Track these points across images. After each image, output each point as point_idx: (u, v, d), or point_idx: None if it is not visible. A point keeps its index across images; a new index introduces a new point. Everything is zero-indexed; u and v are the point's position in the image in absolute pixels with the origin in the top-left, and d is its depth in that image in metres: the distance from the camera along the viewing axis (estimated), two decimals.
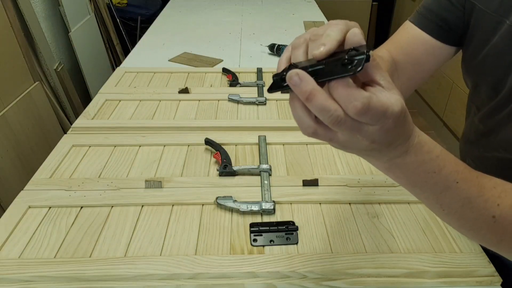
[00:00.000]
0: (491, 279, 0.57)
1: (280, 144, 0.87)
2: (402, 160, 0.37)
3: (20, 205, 0.68)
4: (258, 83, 1.13)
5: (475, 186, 0.39)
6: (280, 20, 1.85)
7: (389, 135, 0.33)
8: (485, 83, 0.61)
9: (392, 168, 0.38)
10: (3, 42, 1.47)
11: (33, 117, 1.58)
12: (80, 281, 0.56)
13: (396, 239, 0.62)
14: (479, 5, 0.57)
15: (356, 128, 0.32)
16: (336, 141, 0.34)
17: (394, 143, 0.35)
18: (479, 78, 0.62)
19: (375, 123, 0.32)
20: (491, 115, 0.61)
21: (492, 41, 0.56)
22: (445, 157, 0.38)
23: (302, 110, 0.33)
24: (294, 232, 0.63)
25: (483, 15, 0.57)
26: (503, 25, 0.53)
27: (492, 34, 0.55)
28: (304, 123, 0.33)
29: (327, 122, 0.31)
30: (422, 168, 0.38)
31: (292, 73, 0.31)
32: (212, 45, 1.51)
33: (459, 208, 0.40)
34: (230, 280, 0.56)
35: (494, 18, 0.55)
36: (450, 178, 0.38)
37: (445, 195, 0.39)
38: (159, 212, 0.68)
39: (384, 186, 0.73)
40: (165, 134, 0.90)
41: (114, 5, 2.66)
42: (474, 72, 0.62)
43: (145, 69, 1.24)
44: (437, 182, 0.38)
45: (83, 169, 0.78)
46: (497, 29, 0.54)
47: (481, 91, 0.63)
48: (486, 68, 0.58)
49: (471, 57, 0.61)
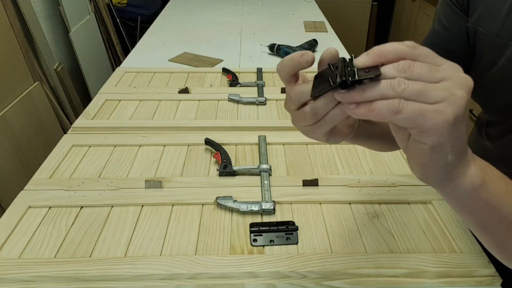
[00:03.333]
0: (491, 279, 0.57)
1: (280, 144, 0.87)
2: (482, 162, 0.35)
3: (20, 205, 0.68)
4: (258, 83, 1.13)
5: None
6: (280, 20, 1.85)
7: (467, 108, 0.31)
8: (493, 105, 0.61)
9: (487, 178, 0.35)
10: (3, 42, 1.47)
11: (33, 117, 1.58)
12: (80, 281, 0.56)
13: (396, 239, 0.62)
14: (481, 30, 0.56)
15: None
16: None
17: (465, 139, 0.33)
18: (486, 100, 0.62)
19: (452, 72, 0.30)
20: (501, 135, 0.61)
21: (498, 64, 0.55)
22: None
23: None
24: (294, 232, 0.63)
25: (485, 39, 0.56)
26: (508, 49, 0.53)
27: (497, 58, 0.54)
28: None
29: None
30: (500, 173, 0.36)
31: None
32: (212, 45, 1.51)
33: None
34: (230, 280, 0.56)
35: (497, 42, 0.54)
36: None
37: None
38: (159, 212, 0.68)
39: (384, 186, 0.73)
40: (165, 134, 0.90)
41: (114, 5, 2.66)
42: (481, 95, 0.61)
43: (145, 69, 1.24)
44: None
45: (83, 169, 0.78)
46: (503, 53, 0.54)
47: (490, 112, 0.63)
48: (494, 91, 0.58)
49: (476, 81, 0.61)
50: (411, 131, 0.32)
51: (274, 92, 1.07)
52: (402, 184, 0.73)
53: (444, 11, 0.61)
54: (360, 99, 0.30)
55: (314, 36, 1.54)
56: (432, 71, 0.30)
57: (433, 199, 0.70)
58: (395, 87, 0.29)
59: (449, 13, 0.60)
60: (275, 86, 1.13)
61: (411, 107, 0.29)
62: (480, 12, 0.56)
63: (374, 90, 0.30)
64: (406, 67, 0.30)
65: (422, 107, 0.29)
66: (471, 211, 0.37)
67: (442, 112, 0.29)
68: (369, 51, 0.32)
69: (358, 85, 0.30)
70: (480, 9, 0.56)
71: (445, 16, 0.61)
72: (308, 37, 1.50)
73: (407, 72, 0.30)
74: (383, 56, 0.31)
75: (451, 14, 0.60)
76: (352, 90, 0.30)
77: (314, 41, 1.44)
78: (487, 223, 0.38)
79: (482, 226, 0.39)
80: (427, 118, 0.29)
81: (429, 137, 0.31)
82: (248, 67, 1.29)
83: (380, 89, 0.30)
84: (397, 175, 0.76)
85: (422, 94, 0.29)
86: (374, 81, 0.30)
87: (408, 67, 0.30)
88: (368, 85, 0.30)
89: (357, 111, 0.31)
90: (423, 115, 0.29)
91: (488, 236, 0.40)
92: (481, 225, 0.39)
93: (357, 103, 0.31)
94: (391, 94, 0.30)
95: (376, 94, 0.30)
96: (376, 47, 0.32)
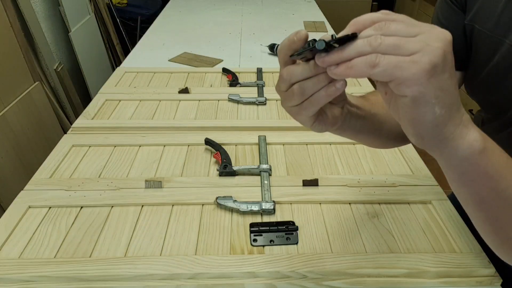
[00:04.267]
0: (491, 279, 0.57)
1: (280, 144, 0.87)
2: (481, 138, 0.34)
3: (20, 205, 0.68)
4: (258, 83, 1.13)
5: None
6: (280, 20, 1.85)
7: (447, 59, 0.31)
8: (489, 102, 0.61)
9: (488, 144, 0.35)
10: (3, 42, 1.47)
11: (33, 117, 1.58)
12: (80, 281, 0.56)
13: (396, 239, 0.62)
14: (477, 26, 0.57)
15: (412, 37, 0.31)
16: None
17: (455, 94, 0.33)
18: (483, 97, 0.62)
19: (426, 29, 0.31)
20: (495, 132, 0.61)
21: (492, 61, 0.55)
22: None
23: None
24: (294, 232, 0.63)
25: (481, 35, 0.56)
26: (503, 45, 0.53)
27: (492, 54, 0.55)
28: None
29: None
30: (497, 149, 0.36)
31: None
32: (212, 45, 1.51)
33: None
34: (230, 280, 0.56)
35: (492, 39, 0.54)
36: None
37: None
38: (159, 212, 0.68)
39: (384, 186, 0.73)
40: (165, 134, 0.90)
41: (114, 5, 2.66)
42: (478, 92, 0.61)
43: (145, 69, 1.24)
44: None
45: (83, 169, 0.78)
46: (497, 50, 0.54)
47: (486, 109, 0.63)
48: (489, 87, 0.58)
49: (472, 77, 0.61)
50: (391, 86, 0.32)
51: (274, 92, 1.07)
52: (402, 184, 0.73)
53: (442, 9, 0.62)
54: (339, 59, 0.32)
55: (314, 36, 1.54)
56: (408, 27, 0.31)
57: (433, 199, 0.70)
58: (371, 43, 0.31)
59: (446, 11, 0.61)
60: None
61: (388, 59, 0.30)
62: (476, 9, 0.56)
63: (352, 49, 0.32)
64: (382, 25, 0.32)
65: (398, 59, 0.30)
66: (469, 181, 0.37)
67: (417, 61, 0.30)
68: (348, 25, 0.34)
69: (337, 47, 0.32)
70: (476, 6, 0.56)
71: (443, 14, 0.61)
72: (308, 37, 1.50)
73: (383, 29, 0.31)
74: (360, 24, 0.33)
75: (448, 11, 0.60)
76: (331, 52, 0.32)
77: (314, 41, 1.44)
78: (484, 196, 0.37)
79: (478, 199, 0.38)
80: (403, 68, 0.30)
81: (408, 87, 0.31)
82: (248, 67, 1.29)
83: (357, 46, 0.31)
84: (397, 175, 0.76)
85: (398, 47, 0.30)
86: (351, 41, 0.32)
87: (384, 25, 0.32)
88: (346, 45, 0.32)
89: (337, 71, 0.32)
90: (399, 66, 0.30)
91: (483, 213, 0.40)
92: (477, 199, 0.38)
93: (337, 64, 0.32)
94: (368, 50, 0.31)
95: (354, 52, 0.31)
96: (353, 19, 0.34)
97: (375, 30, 0.32)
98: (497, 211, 0.38)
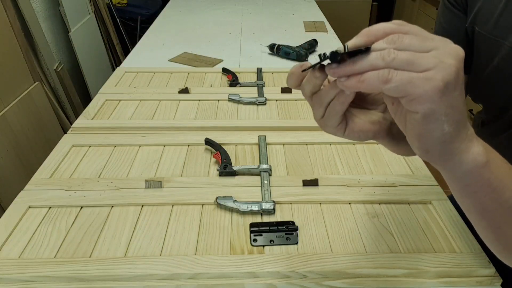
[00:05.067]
0: (491, 279, 0.57)
1: (280, 144, 0.87)
2: (484, 152, 0.35)
3: (20, 205, 0.68)
4: (258, 83, 1.13)
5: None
6: (280, 20, 1.85)
7: (459, 76, 0.31)
8: (490, 104, 0.61)
9: (490, 157, 0.35)
10: (3, 42, 1.47)
11: (33, 117, 1.58)
12: (80, 281, 0.56)
13: (396, 239, 0.62)
14: (477, 28, 0.56)
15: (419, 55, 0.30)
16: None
17: (463, 111, 0.33)
18: (484, 100, 0.62)
19: (439, 44, 0.31)
20: (495, 133, 0.61)
21: (493, 63, 0.55)
22: None
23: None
24: (294, 232, 0.63)
25: (482, 37, 0.56)
26: (503, 47, 0.52)
27: (492, 57, 0.54)
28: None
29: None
30: (500, 160, 0.36)
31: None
32: (212, 45, 1.51)
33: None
34: (230, 280, 0.56)
35: (492, 40, 0.54)
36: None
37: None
38: (159, 212, 0.68)
39: (384, 186, 0.73)
40: (165, 134, 0.90)
41: (114, 5, 2.66)
42: (479, 94, 0.61)
43: (145, 69, 1.24)
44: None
45: (83, 169, 0.78)
46: (497, 52, 0.53)
47: (487, 111, 0.63)
48: (490, 90, 0.58)
49: (473, 80, 0.61)
50: (403, 101, 0.32)
51: (274, 92, 1.07)
52: (402, 184, 0.73)
53: (443, 13, 0.62)
54: (350, 71, 0.31)
55: (314, 36, 1.54)
56: (422, 41, 0.31)
57: (433, 199, 0.70)
58: (384, 57, 0.30)
59: (447, 14, 0.61)
60: (275, 86, 1.13)
61: (400, 75, 0.30)
62: (476, 10, 0.56)
63: (364, 62, 0.31)
64: (395, 38, 0.31)
65: (411, 75, 0.30)
66: (472, 192, 0.37)
67: (431, 78, 0.30)
68: (359, 34, 0.33)
69: (348, 59, 0.31)
70: (476, 7, 0.56)
71: (444, 18, 0.62)
72: (308, 37, 1.50)
73: (397, 43, 0.31)
74: (373, 35, 0.32)
75: (449, 15, 0.60)
76: (342, 64, 0.32)
77: (314, 41, 1.44)
78: (487, 206, 0.38)
79: (481, 209, 0.38)
80: (416, 85, 0.30)
81: (420, 105, 0.31)
82: (248, 67, 1.29)
83: (369, 60, 0.31)
84: (397, 175, 0.76)
85: (411, 63, 0.30)
86: (364, 54, 0.31)
87: (397, 39, 0.31)
88: (358, 57, 0.31)
89: (347, 84, 0.32)
90: (412, 83, 0.30)
91: (485, 221, 0.40)
92: (480, 208, 0.38)
93: (347, 76, 0.32)
94: (381, 64, 0.30)
95: (366, 65, 0.31)
96: (365, 29, 0.33)
97: (388, 44, 0.31)
98: (500, 220, 0.39)
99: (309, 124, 0.93)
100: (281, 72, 1.23)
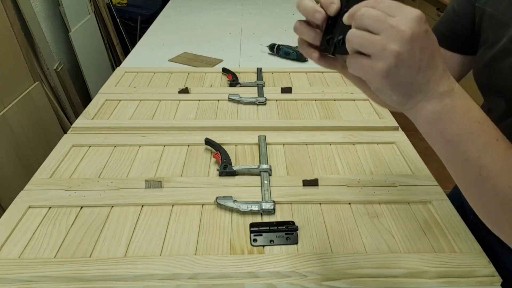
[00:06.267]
0: (491, 279, 0.57)
1: (280, 144, 0.87)
2: (452, 102, 0.38)
3: (20, 205, 0.68)
4: (258, 83, 1.13)
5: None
6: (280, 20, 1.85)
7: (401, 59, 0.35)
8: (493, 87, 0.60)
9: (443, 115, 0.38)
10: (3, 42, 1.47)
11: (33, 117, 1.58)
12: (80, 281, 0.56)
13: (396, 239, 0.62)
14: (489, 10, 0.56)
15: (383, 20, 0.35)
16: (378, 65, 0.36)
17: (434, 65, 0.37)
18: (487, 81, 0.61)
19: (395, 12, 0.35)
20: (500, 120, 0.60)
21: (500, 43, 0.54)
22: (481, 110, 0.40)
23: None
24: (294, 232, 0.63)
25: (492, 18, 0.56)
26: (511, 27, 0.53)
27: (499, 37, 0.54)
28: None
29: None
30: (469, 114, 0.38)
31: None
32: (212, 45, 1.51)
33: (498, 171, 0.38)
34: (230, 280, 0.56)
35: (502, 20, 0.54)
36: (491, 133, 0.39)
37: (486, 152, 0.38)
38: (159, 212, 0.68)
39: (384, 186, 0.73)
40: (165, 134, 0.90)
41: (114, 5, 2.66)
42: (483, 75, 0.61)
43: (145, 69, 1.24)
44: (481, 135, 0.38)
45: (83, 169, 0.78)
46: (505, 32, 0.53)
47: (488, 96, 0.62)
48: (495, 70, 0.57)
49: (478, 61, 0.60)
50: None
51: (274, 92, 1.07)
52: (402, 184, 0.73)
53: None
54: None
55: None
56: (376, 22, 0.35)
57: (433, 199, 0.70)
58: (348, 37, 0.37)
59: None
60: (275, 86, 1.13)
61: (354, 63, 0.37)
62: None
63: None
64: (360, 14, 0.36)
65: (362, 63, 0.37)
66: (432, 142, 0.41)
67: (373, 67, 0.36)
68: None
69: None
70: None
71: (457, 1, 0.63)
72: None
73: (357, 21, 0.36)
74: None
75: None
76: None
77: None
78: (447, 156, 0.42)
79: (444, 159, 0.42)
80: (364, 71, 0.37)
81: (369, 84, 0.38)
82: (248, 67, 1.29)
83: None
84: (397, 175, 0.76)
85: (362, 46, 0.36)
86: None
87: (361, 15, 0.36)
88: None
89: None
90: (362, 70, 0.37)
91: (452, 171, 0.43)
92: (444, 159, 0.42)
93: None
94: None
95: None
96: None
97: (354, 21, 0.37)
98: (462, 172, 0.41)
99: (309, 124, 0.93)
100: (281, 72, 1.23)
